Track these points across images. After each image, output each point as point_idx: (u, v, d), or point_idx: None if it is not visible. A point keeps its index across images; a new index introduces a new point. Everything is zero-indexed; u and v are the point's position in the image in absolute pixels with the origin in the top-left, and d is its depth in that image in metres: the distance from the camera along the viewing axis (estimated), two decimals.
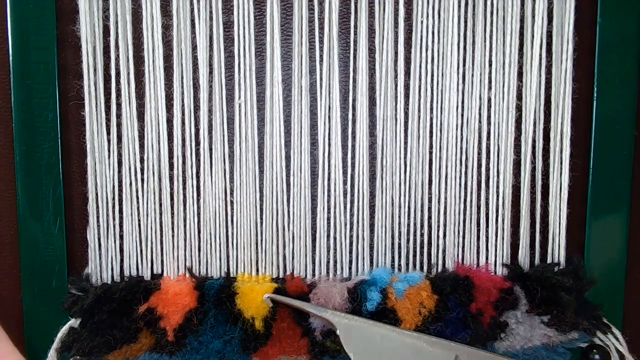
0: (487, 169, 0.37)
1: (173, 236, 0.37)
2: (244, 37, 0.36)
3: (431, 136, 0.37)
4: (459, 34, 0.36)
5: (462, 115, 0.37)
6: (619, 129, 0.37)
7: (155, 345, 0.36)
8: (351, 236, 0.37)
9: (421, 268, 0.38)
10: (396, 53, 0.36)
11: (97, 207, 0.36)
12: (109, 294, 0.35)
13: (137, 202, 0.37)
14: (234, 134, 0.37)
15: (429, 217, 0.37)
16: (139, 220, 0.37)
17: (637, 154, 0.37)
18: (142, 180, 0.36)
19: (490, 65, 0.36)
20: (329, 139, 0.37)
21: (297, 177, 0.37)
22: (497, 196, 0.37)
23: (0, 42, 0.36)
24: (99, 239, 0.37)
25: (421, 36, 0.36)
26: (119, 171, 0.36)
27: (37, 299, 0.36)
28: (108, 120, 0.36)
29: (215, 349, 0.35)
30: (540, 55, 0.36)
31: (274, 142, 0.36)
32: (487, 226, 0.37)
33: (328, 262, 0.37)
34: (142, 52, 0.35)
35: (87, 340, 0.35)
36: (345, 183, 0.37)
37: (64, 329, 0.36)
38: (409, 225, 0.37)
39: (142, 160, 0.36)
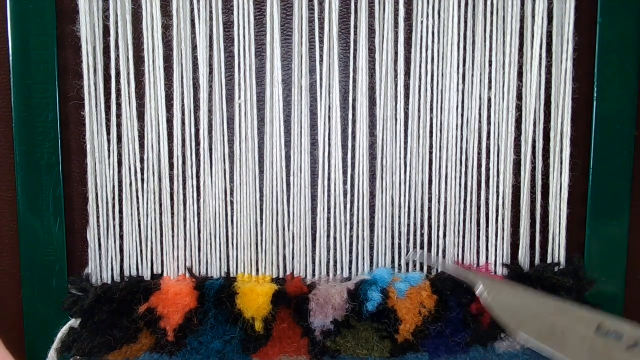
0: (487, 169, 0.37)
1: (173, 236, 0.37)
2: (244, 37, 0.36)
3: (431, 136, 0.37)
4: (459, 34, 0.36)
5: (462, 115, 0.37)
6: (619, 129, 0.37)
7: (155, 345, 0.36)
8: (351, 236, 0.37)
9: (421, 268, 0.38)
10: (396, 53, 0.36)
11: (97, 207, 0.36)
12: (109, 294, 0.35)
13: (137, 202, 0.37)
14: (234, 134, 0.37)
15: (429, 217, 0.37)
16: (139, 220, 0.37)
17: (637, 154, 0.37)
18: (142, 180, 0.36)
19: (490, 65, 0.36)
20: (329, 139, 0.37)
21: (297, 177, 0.37)
22: (497, 196, 0.37)
23: (0, 42, 0.36)
24: (99, 239, 0.37)
25: (421, 36, 0.36)
26: (119, 171, 0.36)
27: (37, 299, 0.36)
28: (108, 120, 0.36)
29: (215, 349, 0.35)
30: (540, 55, 0.36)
31: (274, 142, 0.36)
32: (487, 226, 0.37)
33: (328, 262, 0.37)
34: (142, 52, 0.35)
35: (87, 340, 0.35)
36: (345, 183, 0.37)
37: (64, 329, 0.36)
38: (409, 225, 0.37)
39: (142, 160, 0.36)
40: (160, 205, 0.37)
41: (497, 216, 0.37)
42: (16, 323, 0.37)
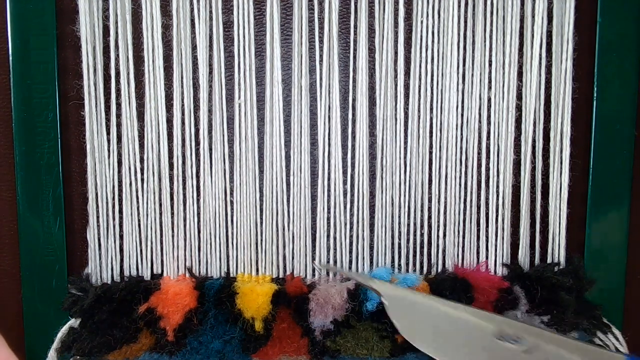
0: (487, 169, 0.37)
1: (173, 236, 0.37)
2: (244, 37, 0.36)
3: (431, 136, 0.37)
4: (459, 34, 0.36)
5: (462, 115, 0.37)
6: (619, 129, 0.37)
7: (155, 345, 0.36)
8: (351, 236, 0.37)
9: (421, 268, 0.38)
10: (396, 53, 0.36)
11: (97, 207, 0.36)
12: (109, 294, 0.35)
13: (137, 202, 0.37)
14: (234, 134, 0.37)
15: (429, 217, 0.37)
16: (139, 220, 0.37)
17: (637, 154, 0.37)
18: (142, 180, 0.36)
19: (490, 65, 0.36)
20: (329, 139, 0.37)
21: (297, 177, 0.37)
22: (497, 196, 0.37)
23: (0, 42, 0.36)
24: (99, 239, 0.37)
25: (421, 36, 0.36)
26: (119, 171, 0.36)
27: (37, 299, 0.36)
28: (108, 120, 0.36)
29: (215, 349, 0.35)
30: (540, 55, 0.36)
31: (274, 142, 0.36)
32: (487, 226, 0.37)
33: (328, 262, 0.37)
34: (142, 52, 0.35)
35: (87, 340, 0.35)
36: (345, 183, 0.37)
37: (64, 329, 0.36)
38: (408, 225, 0.37)
39: (142, 160, 0.36)
40: (160, 205, 0.37)
41: (497, 216, 0.37)
42: (16, 323, 0.37)
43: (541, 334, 0.31)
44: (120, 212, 0.37)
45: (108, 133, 0.36)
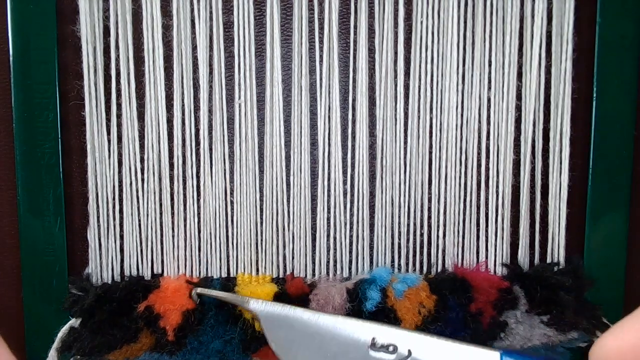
0: (487, 169, 0.37)
1: (173, 236, 0.37)
2: (244, 37, 0.36)
3: (431, 136, 0.37)
4: (458, 34, 0.36)
5: (462, 115, 0.37)
6: (618, 129, 0.37)
7: (156, 345, 0.36)
8: (351, 236, 0.37)
9: (421, 268, 0.38)
10: (396, 53, 0.36)
11: (98, 207, 0.36)
12: (109, 294, 0.35)
13: (137, 202, 0.37)
14: (234, 134, 0.37)
15: (429, 217, 0.37)
16: (139, 220, 0.37)
17: (637, 154, 0.37)
18: (142, 180, 0.37)
19: (489, 65, 0.36)
20: (329, 139, 0.37)
21: (297, 177, 0.37)
22: (497, 196, 0.37)
23: (1, 42, 0.36)
24: (99, 239, 0.37)
25: (421, 36, 0.36)
26: (119, 171, 0.36)
27: (37, 299, 0.37)
28: (108, 120, 0.36)
29: (216, 349, 0.35)
30: (540, 55, 0.36)
31: (274, 142, 0.37)
32: (487, 226, 0.37)
33: (328, 262, 0.37)
34: (142, 53, 0.36)
35: (87, 340, 0.35)
36: (345, 183, 0.37)
37: (64, 329, 0.36)
38: (408, 225, 0.37)
39: (142, 160, 0.36)
40: (161, 205, 0.37)
41: (496, 216, 0.37)
42: (16, 323, 0.37)
43: (416, 339, 0.31)
44: (121, 212, 0.37)
45: (108, 133, 0.36)
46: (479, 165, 0.37)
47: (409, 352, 0.31)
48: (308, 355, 0.32)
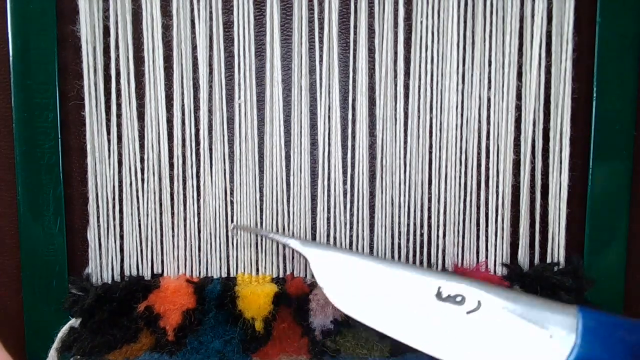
0: (487, 169, 0.37)
1: (173, 236, 0.37)
2: (244, 37, 0.36)
3: (431, 136, 0.37)
4: (458, 34, 0.36)
5: (462, 115, 0.37)
6: (618, 129, 0.37)
7: (156, 345, 0.36)
8: (351, 236, 0.37)
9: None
10: (396, 53, 0.36)
11: (98, 207, 0.36)
12: (109, 294, 0.35)
13: (137, 202, 0.37)
14: (234, 134, 0.37)
15: (429, 217, 0.37)
16: (139, 220, 0.37)
17: (637, 154, 0.37)
18: (142, 180, 0.37)
19: (489, 65, 0.36)
20: (329, 139, 0.37)
21: (297, 177, 0.37)
22: (497, 196, 0.37)
23: (1, 43, 0.36)
24: (99, 239, 0.37)
25: (421, 36, 0.36)
26: (119, 171, 0.36)
27: (37, 299, 0.37)
28: (108, 120, 0.36)
29: (216, 349, 0.35)
30: (540, 55, 0.36)
31: (274, 142, 0.37)
32: (487, 226, 0.37)
33: None
34: (142, 52, 0.36)
35: (87, 340, 0.35)
36: (345, 183, 0.37)
37: (64, 329, 0.36)
38: (408, 225, 0.37)
39: (142, 160, 0.36)
40: (161, 205, 0.37)
41: (496, 216, 0.37)
42: (16, 323, 0.37)
43: (486, 290, 0.29)
44: (121, 212, 0.37)
45: (108, 133, 0.36)
46: (479, 165, 0.37)
47: (479, 302, 0.29)
48: (366, 303, 0.29)
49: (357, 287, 0.30)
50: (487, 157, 0.37)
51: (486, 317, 0.28)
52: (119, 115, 0.36)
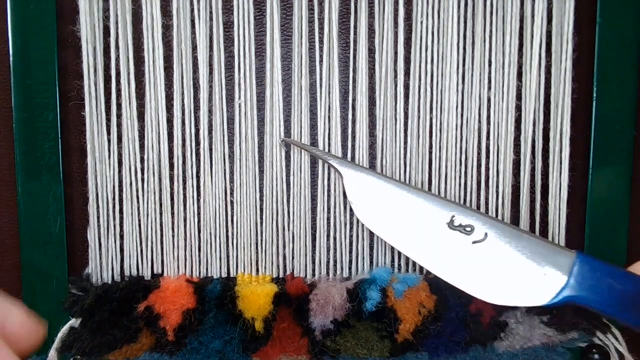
0: (487, 169, 0.37)
1: (173, 236, 0.37)
2: (244, 37, 0.36)
3: (431, 136, 0.37)
4: (458, 34, 0.36)
5: (462, 115, 0.37)
6: (618, 129, 0.37)
7: (156, 345, 0.36)
8: (351, 236, 0.37)
9: (421, 268, 0.38)
10: (396, 53, 0.36)
11: (98, 207, 0.36)
12: (109, 294, 0.35)
13: (137, 202, 0.37)
14: (234, 134, 0.37)
15: None
16: (139, 220, 0.37)
17: (637, 154, 0.37)
18: (142, 180, 0.36)
19: (489, 65, 0.36)
20: (329, 139, 0.37)
21: (297, 177, 0.37)
22: (497, 196, 0.37)
23: (1, 43, 0.36)
24: (99, 239, 0.37)
25: (421, 36, 0.36)
26: (119, 171, 0.36)
27: (37, 299, 0.37)
28: (108, 120, 0.36)
29: (216, 349, 0.35)
30: (540, 55, 0.36)
31: (274, 142, 0.37)
32: None
33: (328, 262, 0.37)
34: (142, 53, 0.36)
35: (87, 340, 0.35)
36: None
37: (64, 329, 0.36)
38: None
39: (142, 160, 0.36)
40: (161, 205, 0.37)
41: (496, 216, 0.37)
42: None
43: (494, 224, 0.32)
44: (121, 212, 0.37)
45: (108, 133, 0.36)
46: (479, 165, 0.37)
47: (485, 234, 0.32)
48: (387, 222, 0.33)
49: (381, 206, 0.33)
50: (487, 157, 0.37)
51: (489, 248, 0.31)
52: (119, 115, 0.36)
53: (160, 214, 0.37)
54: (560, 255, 0.31)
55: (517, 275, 0.31)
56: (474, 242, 0.32)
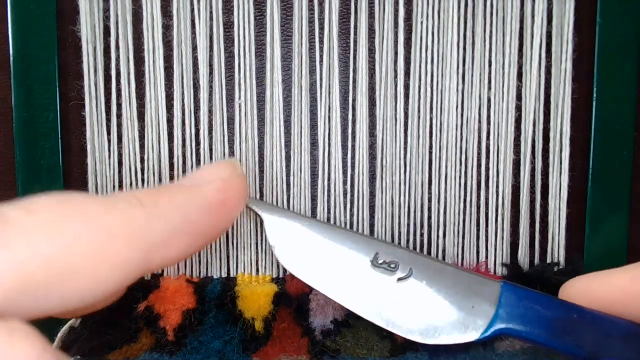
0: (487, 169, 0.37)
1: None
2: (244, 37, 0.36)
3: (431, 136, 0.37)
4: (458, 34, 0.36)
5: (462, 115, 0.37)
6: (618, 129, 0.37)
7: (156, 345, 0.36)
8: None
9: None
10: (396, 53, 0.36)
11: None
12: None
13: None
14: (234, 134, 0.37)
15: (429, 217, 0.37)
16: None
17: (637, 154, 0.37)
18: (143, 180, 0.37)
19: (489, 65, 0.36)
20: (329, 139, 0.37)
21: (297, 177, 0.37)
22: (497, 196, 0.37)
23: (1, 43, 0.36)
24: None
25: (421, 36, 0.36)
26: (120, 171, 0.36)
27: None
28: (108, 120, 0.36)
29: (216, 349, 0.35)
30: (540, 55, 0.36)
31: (274, 142, 0.37)
32: (487, 226, 0.37)
33: None
34: (142, 53, 0.36)
35: (87, 340, 0.35)
36: (345, 183, 0.37)
37: (64, 329, 0.36)
38: (409, 225, 0.37)
39: (142, 160, 0.36)
40: None
41: (496, 216, 0.37)
42: None
43: (418, 259, 0.31)
44: None
45: (109, 133, 0.36)
46: (479, 165, 0.37)
47: (410, 270, 0.31)
48: (310, 265, 0.32)
49: (303, 250, 0.32)
50: (487, 157, 0.37)
51: (414, 285, 0.31)
52: (119, 116, 0.36)
53: None
54: (486, 286, 0.30)
55: (445, 311, 0.30)
56: (399, 280, 0.31)
